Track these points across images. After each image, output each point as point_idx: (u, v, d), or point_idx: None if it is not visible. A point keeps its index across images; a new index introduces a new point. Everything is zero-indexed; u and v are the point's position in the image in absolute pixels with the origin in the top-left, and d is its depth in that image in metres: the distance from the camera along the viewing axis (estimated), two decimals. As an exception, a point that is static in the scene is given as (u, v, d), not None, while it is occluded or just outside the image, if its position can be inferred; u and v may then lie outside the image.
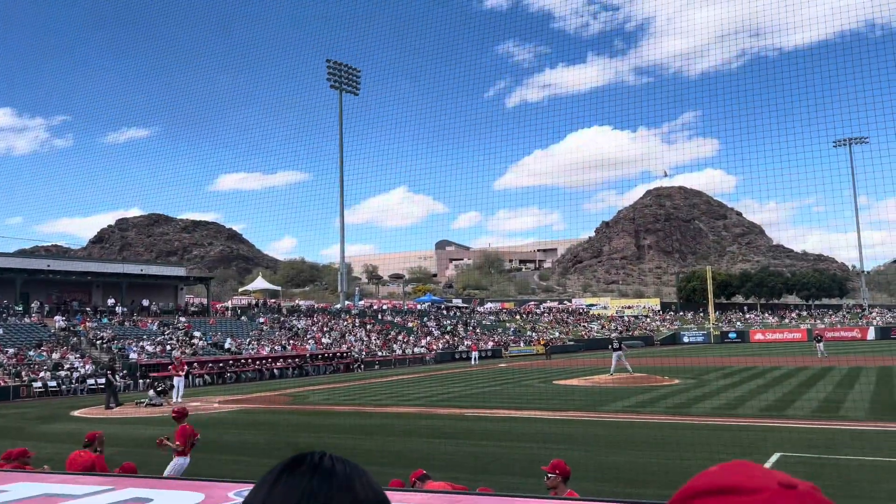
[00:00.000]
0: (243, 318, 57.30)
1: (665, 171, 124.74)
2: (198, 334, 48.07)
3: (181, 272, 63.72)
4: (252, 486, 0.99)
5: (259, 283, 77.74)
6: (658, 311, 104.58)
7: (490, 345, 64.04)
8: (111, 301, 51.00)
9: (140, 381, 37.82)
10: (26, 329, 43.31)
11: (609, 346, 37.98)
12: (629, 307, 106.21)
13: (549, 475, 7.33)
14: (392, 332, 61.87)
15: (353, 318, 64.45)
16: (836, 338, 70.88)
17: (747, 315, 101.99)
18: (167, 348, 43.59)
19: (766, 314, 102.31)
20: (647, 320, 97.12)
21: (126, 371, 38.47)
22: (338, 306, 70.27)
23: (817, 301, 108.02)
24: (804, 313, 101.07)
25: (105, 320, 47.46)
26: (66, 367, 38.00)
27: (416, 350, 57.80)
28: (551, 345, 65.05)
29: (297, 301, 78.32)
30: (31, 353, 39.15)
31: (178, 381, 29.89)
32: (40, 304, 47.44)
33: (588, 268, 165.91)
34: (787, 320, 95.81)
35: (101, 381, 36.26)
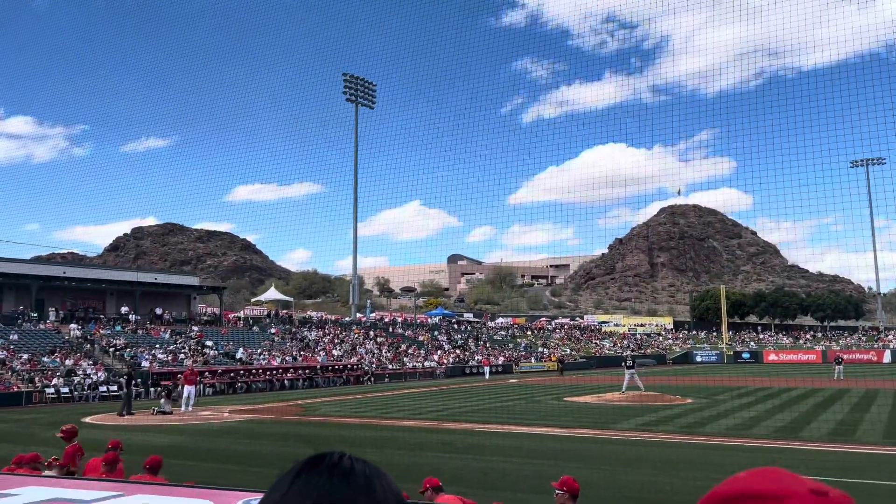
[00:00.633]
0: (255, 328, 57.46)
1: (679, 189, 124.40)
2: (210, 343, 48.25)
3: (194, 281, 64.08)
4: (261, 495, 0.98)
5: (271, 293, 77.99)
6: (671, 329, 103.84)
7: (501, 360, 63.79)
8: (125, 309, 51.34)
9: (151, 389, 37.95)
10: (40, 335, 43.64)
11: (622, 363, 37.72)
12: (642, 325, 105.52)
13: (558, 492, 7.25)
14: (403, 346, 61.79)
15: (360, 331, 64.44)
16: (852, 360, 69.95)
17: (761, 335, 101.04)
18: (179, 357, 43.76)
19: (781, 335, 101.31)
20: (660, 338, 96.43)
21: (138, 379, 38.64)
22: (349, 319, 70.33)
23: (832, 322, 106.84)
24: (819, 335, 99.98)
25: (118, 328, 47.75)
26: (79, 373, 38.23)
27: (427, 364, 57.67)
28: (565, 361, 64.71)
29: (308, 312, 78.46)
30: (45, 359, 39.42)
31: (188, 391, 29.92)
32: (56, 311, 47.83)
33: (600, 284, 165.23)
34: (801, 341, 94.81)
35: (112, 389, 36.48)
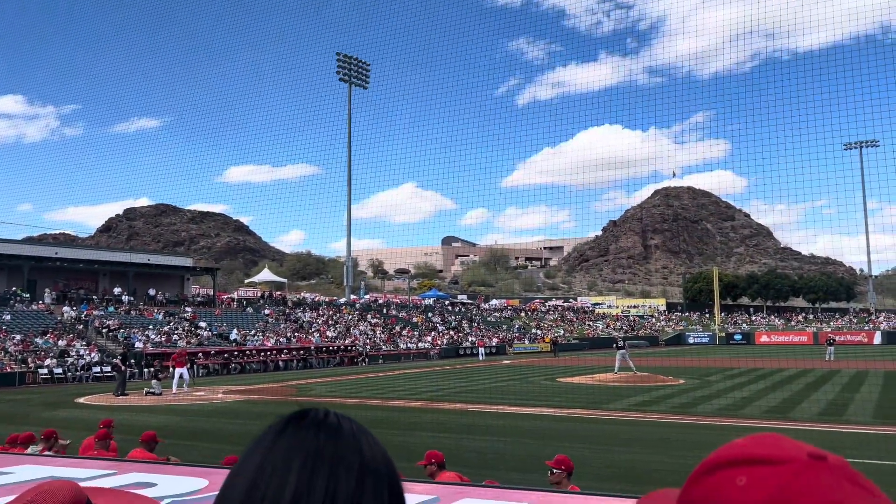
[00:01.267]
0: (249, 309, 57.44)
1: (674, 172, 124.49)
2: (203, 325, 48.23)
3: (188, 262, 63.91)
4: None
5: (265, 275, 77.91)
6: (663, 311, 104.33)
7: (495, 342, 64.03)
8: (118, 290, 51.20)
9: (145, 369, 37.98)
10: (33, 316, 43.53)
11: (613, 344, 37.95)
12: (635, 307, 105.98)
13: (554, 470, 7.28)
14: (397, 327, 61.93)
15: (348, 309, 64.48)
16: (843, 342, 70.51)
17: (753, 317, 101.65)
18: (173, 338, 43.75)
19: (773, 316, 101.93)
20: (653, 320, 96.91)
21: (132, 360, 38.64)
22: (343, 300, 70.37)
23: (824, 304, 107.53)
24: (810, 316, 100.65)
25: (111, 309, 47.66)
26: (73, 354, 38.19)
27: (421, 345, 57.84)
28: (559, 342, 64.99)
29: (302, 294, 78.46)
30: (38, 340, 39.34)
31: (179, 372, 29.59)
32: (52, 292, 47.61)
33: (594, 266, 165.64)
34: (793, 323, 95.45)
35: (106, 370, 36.48)
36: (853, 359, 43.97)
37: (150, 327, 45.16)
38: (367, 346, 53.39)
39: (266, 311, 56.85)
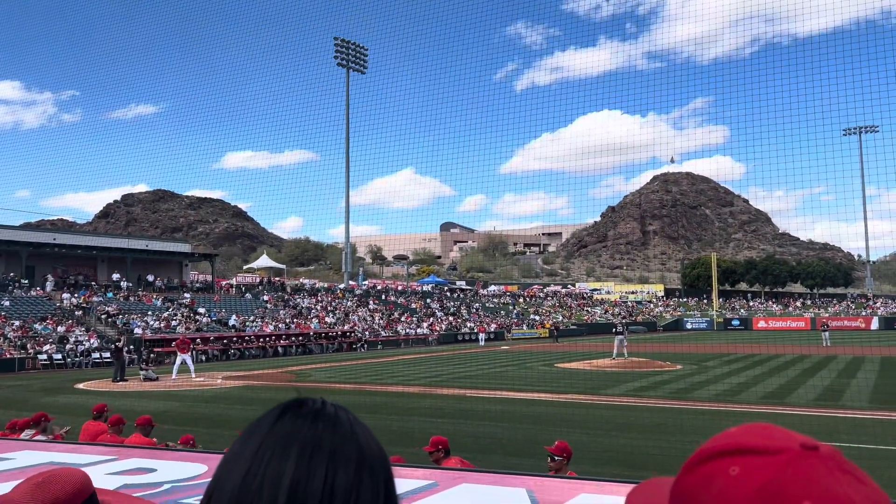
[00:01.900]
0: (248, 295, 57.50)
1: (673, 158, 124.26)
2: (202, 310, 48.29)
3: (186, 248, 63.86)
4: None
5: (264, 261, 77.90)
6: (662, 296, 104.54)
7: (493, 327, 64.20)
8: (116, 276, 51.19)
9: (143, 355, 38.07)
10: (32, 302, 43.56)
11: (613, 329, 37.95)
12: (633, 292, 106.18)
13: (556, 457, 7.24)
14: (396, 313, 62.04)
15: (343, 293, 64.55)
16: (840, 327, 70.75)
17: (751, 303, 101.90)
18: (172, 324, 43.81)
19: (771, 302, 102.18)
20: (651, 306, 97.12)
21: (131, 346, 38.72)
22: (341, 286, 70.43)
23: (822, 290, 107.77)
24: (808, 302, 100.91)
25: (110, 295, 47.68)
26: (72, 340, 38.26)
27: (420, 331, 57.98)
28: (559, 328, 65.13)
29: (301, 280, 78.50)
30: (37, 325, 39.39)
31: (180, 359, 29.62)
32: (52, 279, 47.58)
33: (593, 252, 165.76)
34: (790, 309, 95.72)
35: (106, 356, 36.55)
36: (850, 344, 44.12)
37: (149, 313, 45.21)
38: (366, 332, 53.51)
39: (265, 298, 56.91)
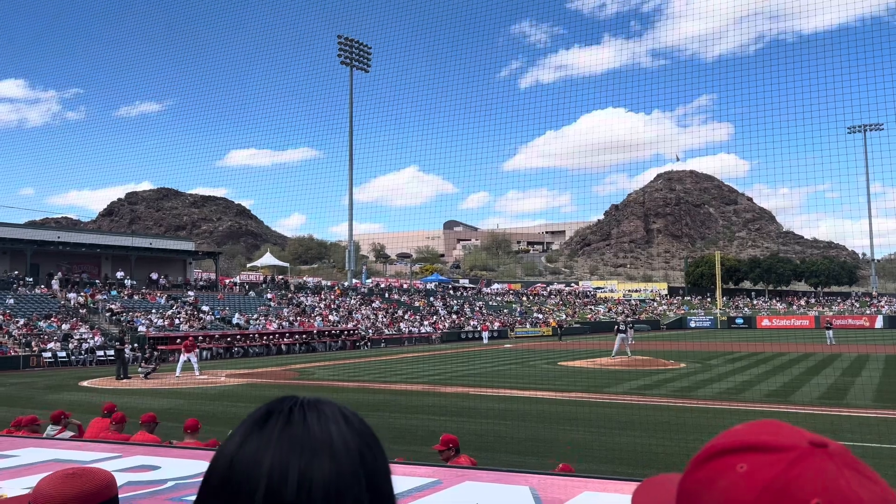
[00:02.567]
0: (251, 293, 57.59)
1: (677, 156, 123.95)
2: (206, 308, 48.37)
3: (190, 246, 63.95)
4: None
5: (267, 259, 78.00)
6: (665, 295, 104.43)
7: (497, 325, 64.20)
8: (120, 274, 51.31)
9: (149, 352, 38.17)
10: (36, 299, 43.68)
11: (615, 328, 37.78)
12: (636, 291, 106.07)
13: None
14: (399, 311, 62.08)
15: (342, 291, 64.59)
16: (845, 325, 70.63)
17: (755, 301, 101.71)
18: (175, 322, 43.90)
19: (774, 300, 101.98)
20: (655, 304, 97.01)
21: (135, 344, 38.82)
22: (345, 283, 70.51)
23: (826, 288, 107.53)
24: (812, 300, 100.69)
25: (114, 293, 47.79)
26: (76, 338, 38.36)
27: (423, 329, 58.01)
28: (563, 326, 65.12)
29: (304, 278, 78.62)
30: (42, 323, 39.50)
31: (184, 357, 29.62)
32: (58, 278, 47.68)
33: (596, 250, 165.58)
34: (794, 307, 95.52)
35: (110, 353, 36.65)
36: (854, 343, 44.02)
37: (153, 311, 45.30)
38: (370, 331, 53.56)
39: (268, 295, 56.98)
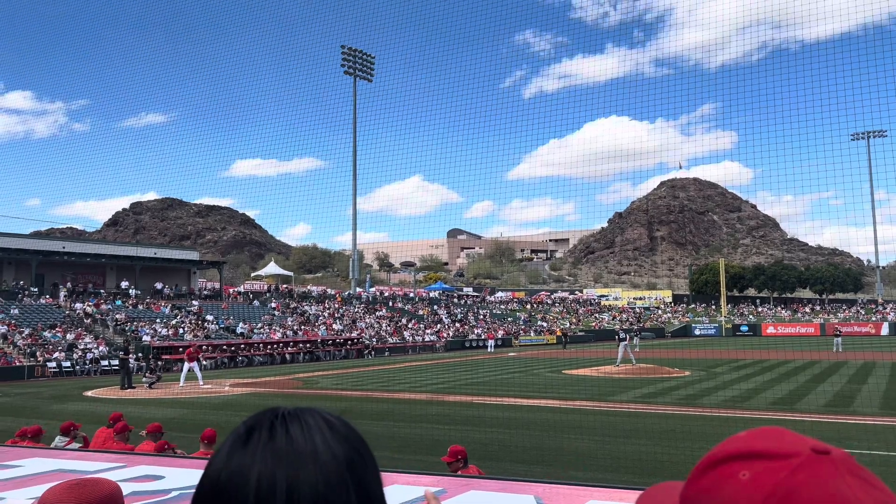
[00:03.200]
0: (255, 302, 57.61)
1: (680, 163, 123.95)
2: (210, 318, 48.40)
3: (194, 256, 64.07)
4: None
5: (271, 268, 78.12)
6: (670, 302, 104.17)
7: (500, 334, 64.09)
8: (125, 283, 51.41)
9: (153, 363, 38.17)
10: (41, 310, 43.76)
11: (615, 336, 37.68)
12: (641, 298, 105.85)
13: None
14: (403, 320, 62.03)
15: (343, 301, 64.57)
16: (850, 333, 70.31)
17: (760, 308, 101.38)
18: (180, 331, 43.92)
19: (779, 308, 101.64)
20: (659, 312, 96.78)
21: (140, 353, 38.84)
22: (348, 292, 70.51)
23: (831, 296, 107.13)
24: (817, 308, 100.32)
25: (119, 303, 47.87)
26: (81, 348, 38.40)
27: (427, 338, 57.94)
28: (568, 334, 64.97)
29: (308, 287, 78.66)
30: (47, 333, 39.56)
31: (187, 366, 29.55)
32: (65, 288, 47.76)
33: (600, 258, 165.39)
34: (799, 314, 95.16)
35: (114, 363, 36.67)
36: (860, 350, 43.82)
37: (158, 321, 45.35)
38: (374, 339, 53.50)
39: (272, 305, 57.00)
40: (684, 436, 15.06)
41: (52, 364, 35.63)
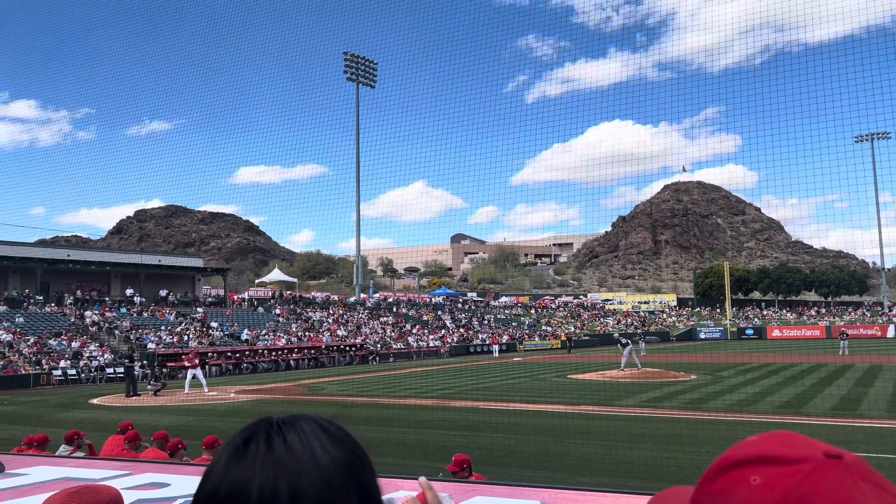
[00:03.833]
0: (260, 309, 57.66)
1: (684, 167, 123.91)
2: (215, 325, 48.45)
3: (199, 263, 64.21)
4: None
5: (276, 274, 78.20)
6: (674, 306, 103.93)
7: (505, 339, 64.01)
8: (129, 291, 51.51)
9: (158, 370, 38.21)
10: (46, 318, 43.87)
11: (618, 343, 37.27)
12: (645, 302, 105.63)
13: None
14: (407, 325, 62.00)
15: (345, 307, 64.56)
16: (856, 335, 70.02)
17: (765, 311, 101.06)
18: (184, 338, 43.98)
19: (784, 311, 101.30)
20: (664, 316, 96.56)
21: (144, 361, 38.89)
22: (352, 299, 70.51)
23: (836, 298, 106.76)
24: (823, 310, 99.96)
25: (123, 310, 47.96)
26: (86, 356, 38.47)
27: (432, 343, 57.89)
28: (573, 339, 64.82)
29: (313, 293, 78.71)
30: (52, 341, 39.65)
31: (191, 373, 29.38)
32: (75, 297, 47.89)
33: (604, 262, 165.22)
34: (805, 317, 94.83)
35: (120, 371, 36.73)
36: (867, 353, 43.62)
37: (162, 328, 45.42)
38: (378, 345, 53.49)
39: (277, 311, 57.05)
40: (691, 440, 15.00)
41: (58, 372, 35.70)
